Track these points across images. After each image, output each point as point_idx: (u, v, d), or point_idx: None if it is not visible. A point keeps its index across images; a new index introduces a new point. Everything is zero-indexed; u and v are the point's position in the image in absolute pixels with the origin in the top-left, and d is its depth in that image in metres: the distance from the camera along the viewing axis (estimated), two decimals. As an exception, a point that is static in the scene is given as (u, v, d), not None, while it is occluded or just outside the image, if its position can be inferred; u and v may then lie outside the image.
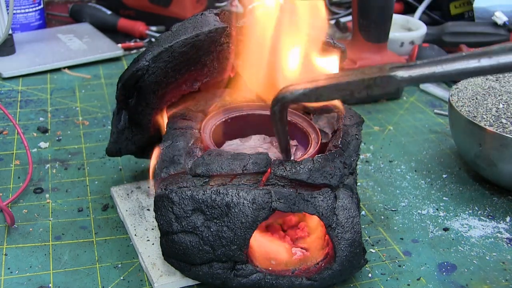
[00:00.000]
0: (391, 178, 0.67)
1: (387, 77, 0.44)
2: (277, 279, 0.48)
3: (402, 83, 0.44)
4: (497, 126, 0.63)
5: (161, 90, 0.53)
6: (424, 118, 0.82)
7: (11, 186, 0.63)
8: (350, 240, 0.47)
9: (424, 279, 0.52)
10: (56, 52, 0.95)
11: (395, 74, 0.44)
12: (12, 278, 0.50)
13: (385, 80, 0.44)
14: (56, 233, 0.56)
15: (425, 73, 0.43)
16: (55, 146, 0.71)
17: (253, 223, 0.46)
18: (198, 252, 0.47)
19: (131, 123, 0.56)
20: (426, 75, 0.43)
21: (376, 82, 0.44)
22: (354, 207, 0.48)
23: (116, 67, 0.95)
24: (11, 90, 0.85)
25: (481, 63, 0.42)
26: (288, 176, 0.47)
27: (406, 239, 0.57)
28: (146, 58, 0.51)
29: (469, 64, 0.42)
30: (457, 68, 0.43)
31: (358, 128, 0.54)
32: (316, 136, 0.54)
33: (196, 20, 0.52)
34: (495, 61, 0.42)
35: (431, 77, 0.43)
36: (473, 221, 0.60)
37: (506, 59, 0.42)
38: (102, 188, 0.63)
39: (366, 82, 0.44)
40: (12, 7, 0.86)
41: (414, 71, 0.43)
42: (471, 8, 1.04)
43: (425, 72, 0.43)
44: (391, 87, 0.44)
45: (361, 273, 0.52)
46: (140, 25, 1.05)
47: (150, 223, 0.56)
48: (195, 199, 0.47)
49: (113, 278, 0.51)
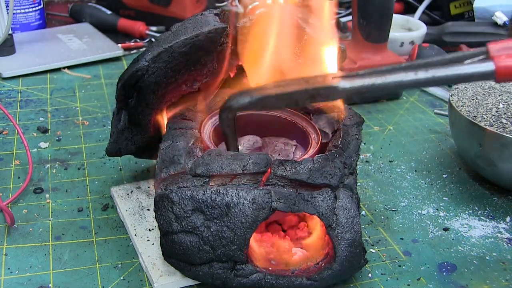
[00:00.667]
0: (391, 178, 0.67)
1: (329, 88, 0.45)
2: (277, 279, 0.48)
3: (343, 93, 0.45)
4: (497, 126, 0.63)
5: (161, 90, 0.53)
6: (424, 118, 0.82)
7: (11, 186, 0.63)
8: (350, 240, 0.47)
9: (424, 279, 0.52)
10: (56, 52, 0.95)
11: (337, 85, 0.45)
12: (12, 278, 0.50)
13: (328, 91, 0.46)
14: (56, 233, 0.56)
15: (365, 84, 0.45)
16: (55, 146, 0.71)
17: (253, 223, 0.46)
18: (198, 252, 0.47)
19: (131, 123, 0.56)
20: (366, 86, 0.45)
21: (319, 93, 0.46)
22: (354, 207, 0.48)
23: (116, 67, 0.95)
24: (11, 90, 0.85)
25: (418, 76, 0.44)
26: (288, 176, 0.47)
27: (406, 239, 0.57)
28: (146, 58, 0.51)
29: (407, 76, 0.44)
30: (395, 81, 0.44)
31: (358, 128, 0.54)
32: (316, 136, 0.54)
33: (196, 20, 0.52)
34: (431, 74, 0.43)
35: (371, 88, 0.45)
36: (473, 221, 0.60)
37: (442, 72, 0.43)
38: (102, 188, 0.63)
39: (310, 92, 0.46)
40: (12, 7, 0.86)
41: (355, 82, 0.45)
42: (471, 8, 1.04)
43: (365, 83, 0.45)
44: (333, 97, 0.46)
45: (361, 273, 0.52)
46: (140, 25, 1.05)
47: (150, 223, 0.56)
48: (195, 199, 0.47)
49: (113, 278, 0.51)
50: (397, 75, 0.44)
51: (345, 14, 1.15)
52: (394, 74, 0.44)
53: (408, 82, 0.44)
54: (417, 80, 0.44)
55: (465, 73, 0.43)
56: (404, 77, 0.44)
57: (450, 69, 0.44)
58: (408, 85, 0.44)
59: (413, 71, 0.44)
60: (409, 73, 0.44)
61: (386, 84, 0.45)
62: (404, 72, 0.44)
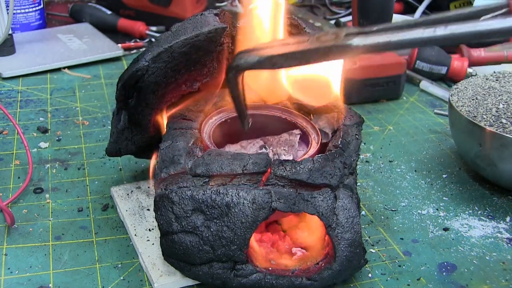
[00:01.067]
0: (391, 178, 0.67)
1: (342, 46, 0.43)
2: (277, 279, 0.48)
3: (357, 51, 0.43)
4: (497, 126, 0.63)
5: (161, 90, 0.53)
6: (424, 118, 0.82)
7: (11, 186, 0.63)
8: (350, 240, 0.47)
9: (424, 279, 0.52)
10: (56, 52, 0.95)
11: (351, 42, 0.43)
12: (12, 278, 0.50)
13: (341, 48, 0.43)
14: (56, 233, 0.56)
15: (380, 41, 0.42)
16: (55, 146, 0.71)
17: (253, 223, 0.46)
18: (198, 252, 0.47)
19: (131, 123, 0.56)
20: (381, 44, 0.42)
21: (332, 51, 0.43)
22: (354, 207, 0.48)
23: (116, 67, 0.95)
24: (11, 90, 0.85)
25: (436, 32, 0.41)
26: (288, 176, 0.47)
27: (406, 239, 0.57)
28: (146, 59, 0.51)
29: (424, 33, 0.41)
30: (412, 37, 0.42)
31: (358, 128, 0.54)
32: (316, 136, 0.54)
33: (196, 20, 0.52)
34: (449, 31, 0.40)
35: (386, 46, 0.42)
36: (473, 221, 0.60)
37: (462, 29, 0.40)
38: (102, 188, 0.63)
39: (322, 51, 0.44)
40: (12, 7, 0.86)
41: (369, 39, 0.42)
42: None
43: (380, 40, 0.42)
44: (347, 55, 0.44)
45: (361, 273, 0.52)
46: (140, 25, 1.05)
47: (150, 223, 0.56)
48: (195, 199, 0.47)
49: (113, 278, 0.51)
50: (414, 31, 0.41)
51: (345, 14, 1.15)
52: (411, 31, 0.42)
53: (426, 39, 0.41)
54: (435, 37, 0.41)
55: (486, 29, 0.40)
56: (422, 34, 0.41)
57: (470, 25, 0.40)
58: (426, 42, 0.42)
59: (431, 27, 0.41)
60: (427, 29, 0.41)
61: (402, 41, 0.42)
62: (421, 28, 0.41)
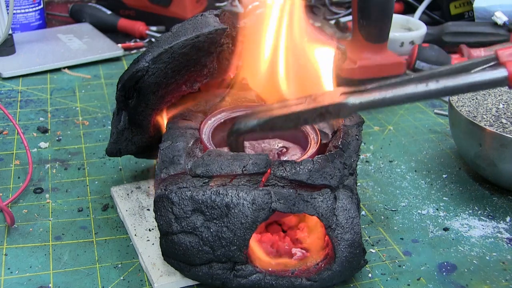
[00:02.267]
0: (391, 178, 0.67)
1: (339, 105, 0.45)
2: (276, 280, 0.48)
3: (353, 109, 0.45)
4: (497, 126, 0.63)
5: (161, 91, 0.53)
6: (424, 118, 0.82)
7: (11, 186, 0.63)
8: (350, 241, 0.47)
9: (424, 279, 0.52)
10: (56, 52, 0.95)
11: (347, 101, 0.44)
12: (12, 278, 0.50)
13: (337, 108, 0.45)
14: (56, 233, 0.56)
15: (375, 99, 0.44)
16: (55, 146, 0.71)
17: (253, 224, 0.46)
18: (197, 252, 0.47)
19: (131, 123, 0.56)
20: (376, 101, 0.44)
21: (328, 110, 0.45)
22: (354, 207, 0.48)
23: (116, 67, 0.95)
24: (11, 90, 0.85)
25: (429, 87, 0.43)
26: (288, 176, 0.47)
27: (406, 239, 0.57)
28: (146, 59, 0.51)
29: (417, 89, 0.43)
30: (405, 93, 0.43)
31: (359, 128, 0.54)
32: (316, 136, 0.54)
33: (196, 21, 0.52)
34: (442, 85, 0.43)
35: (381, 103, 0.44)
36: (473, 221, 0.60)
37: (453, 82, 0.42)
38: (102, 188, 0.63)
39: (319, 111, 0.45)
40: (12, 7, 0.86)
41: (365, 98, 0.44)
42: (471, 8, 1.04)
43: (375, 97, 0.44)
44: (343, 114, 0.45)
45: (361, 273, 0.52)
46: (140, 25, 1.05)
47: (150, 223, 0.56)
48: (195, 199, 0.47)
49: (113, 278, 0.51)
50: (407, 87, 0.43)
51: (345, 14, 1.15)
52: (404, 87, 0.43)
53: (420, 94, 0.43)
54: (428, 91, 0.43)
55: (477, 81, 0.42)
56: (415, 89, 0.43)
57: (462, 78, 0.43)
58: (420, 97, 0.43)
59: (423, 82, 0.43)
60: (419, 85, 0.43)
61: (397, 97, 0.44)
62: (414, 84, 0.43)
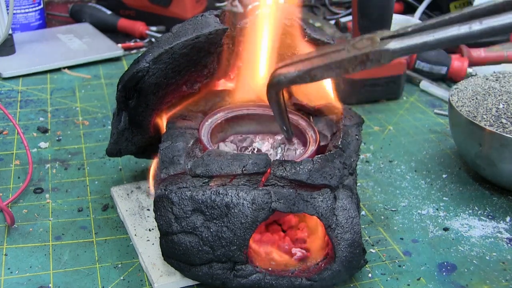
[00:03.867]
0: (391, 178, 0.67)
1: (380, 51, 0.43)
2: (276, 280, 0.48)
3: (395, 55, 0.43)
4: (497, 126, 0.63)
5: (161, 91, 0.53)
6: (424, 118, 0.82)
7: (11, 186, 0.63)
8: (349, 241, 0.47)
9: (424, 279, 0.52)
10: (56, 52, 0.95)
11: (387, 47, 0.43)
12: (12, 278, 0.50)
13: (378, 54, 0.43)
14: (56, 233, 0.56)
15: (418, 43, 0.42)
16: (55, 146, 0.71)
17: (253, 224, 0.46)
18: (197, 252, 0.47)
19: (131, 124, 0.56)
20: (418, 45, 0.42)
21: (369, 57, 0.44)
22: (353, 207, 0.48)
23: (116, 67, 0.95)
24: (11, 90, 0.85)
25: (472, 28, 0.41)
26: (287, 176, 0.47)
27: (406, 239, 0.57)
28: (147, 60, 0.51)
29: (460, 30, 0.41)
30: (448, 36, 0.42)
31: (358, 128, 0.54)
32: (314, 134, 0.54)
33: (196, 21, 0.52)
34: (486, 25, 0.41)
35: (423, 47, 0.43)
36: (473, 221, 0.60)
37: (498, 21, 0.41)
38: (102, 188, 0.63)
39: (359, 58, 0.44)
40: (12, 7, 0.86)
41: (406, 42, 0.43)
42: (471, 8, 1.04)
43: (417, 42, 0.42)
44: (384, 60, 0.44)
45: (361, 273, 0.52)
46: (140, 25, 1.05)
47: (150, 223, 0.56)
48: (195, 199, 0.47)
49: (113, 278, 0.51)
50: (449, 30, 0.41)
51: (345, 14, 1.15)
52: (446, 29, 0.42)
53: (463, 37, 0.41)
54: (472, 33, 0.41)
55: None
56: (458, 32, 0.41)
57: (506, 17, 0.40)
58: (463, 40, 0.42)
59: (466, 24, 0.41)
60: (462, 27, 0.41)
61: (440, 39, 0.42)
62: (456, 26, 0.41)
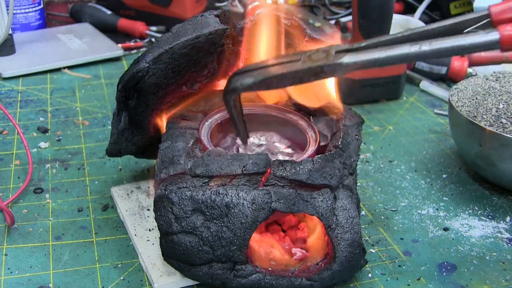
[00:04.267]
0: (391, 178, 0.67)
1: (334, 65, 0.45)
2: (276, 280, 0.48)
3: (348, 69, 0.45)
4: (497, 126, 0.63)
5: (161, 91, 0.53)
6: (424, 118, 0.82)
7: (11, 186, 0.63)
8: (349, 241, 0.47)
9: (424, 279, 0.52)
10: (56, 52, 0.95)
11: (341, 61, 0.44)
12: (12, 278, 0.50)
13: (332, 68, 0.45)
14: (56, 233, 0.56)
15: (370, 58, 0.44)
16: (55, 146, 0.71)
17: (253, 224, 0.46)
18: (197, 252, 0.47)
19: (131, 124, 0.56)
20: (370, 61, 0.44)
21: (324, 70, 0.45)
22: (353, 207, 0.48)
23: (116, 67, 0.95)
24: (11, 90, 0.85)
25: (422, 49, 0.43)
26: (287, 176, 0.47)
27: (406, 239, 0.57)
28: (146, 60, 0.51)
29: (411, 49, 0.43)
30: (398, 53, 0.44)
31: (358, 128, 0.54)
32: (314, 134, 0.54)
33: (196, 21, 0.52)
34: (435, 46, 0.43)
35: (375, 62, 0.44)
36: (473, 221, 0.60)
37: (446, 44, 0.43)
38: (102, 188, 0.63)
39: (314, 70, 0.45)
40: (12, 7, 0.86)
41: (359, 57, 0.44)
42: (471, 8, 1.04)
43: (370, 57, 0.44)
44: (338, 73, 0.45)
45: (361, 273, 0.52)
46: (140, 25, 1.05)
47: (150, 223, 0.56)
48: (195, 199, 0.47)
49: (113, 278, 0.51)
50: (401, 48, 0.43)
51: (345, 14, 1.15)
52: (398, 48, 0.44)
53: (413, 55, 0.43)
54: (422, 53, 0.43)
55: (469, 43, 0.42)
56: (409, 50, 0.43)
57: (454, 40, 0.43)
58: (413, 58, 0.44)
59: (417, 44, 0.43)
60: (413, 46, 0.43)
61: (391, 57, 0.44)
62: (407, 45, 0.43)
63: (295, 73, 0.46)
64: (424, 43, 0.43)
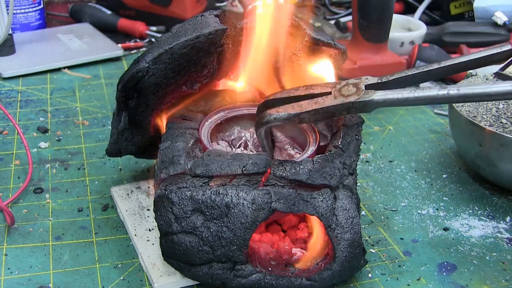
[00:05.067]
0: (391, 178, 0.67)
1: (364, 102, 0.48)
2: (276, 280, 0.48)
3: (377, 106, 0.48)
4: (497, 126, 0.63)
5: (161, 91, 0.53)
6: (424, 118, 0.82)
7: (11, 186, 0.63)
8: (349, 241, 0.47)
9: (424, 279, 0.52)
10: (56, 52, 0.95)
11: (371, 98, 0.47)
12: (12, 278, 0.50)
13: (362, 104, 0.48)
14: (56, 233, 0.56)
15: (400, 98, 0.47)
16: (55, 146, 0.71)
17: (253, 224, 0.46)
18: (197, 252, 0.47)
19: (131, 124, 0.56)
20: (400, 100, 0.47)
21: (354, 105, 0.48)
22: (353, 207, 0.48)
23: (116, 67, 0.95)
24: (11, 90, 0.85)
25: (449, 94, 0.46)
26: (287, 176, 0.47)
27: (406, 239, 0.57)
28: (146, 60, 0.51)
29: (439, 93, 0.46)
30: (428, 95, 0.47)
31: (358, 128, 0.54)
32: (314, 134, 0.54)
33: (196, 21, 0.52)
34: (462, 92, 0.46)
35: (404, 102, 0.47)
36: (473, 221, 0.60)
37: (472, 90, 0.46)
38: (102, 188, 0.63)
39: (345, 106, 0.48)
40: (12, 7, 0.86)
41: (389, 96, 0.47)
42: (471, 8, 1.04)
43: (400, 97, 0.47)
44: (368, 109, 0.48)
45: (361, 273, 0.52)
46: (140, 25, 1.05)
47: (150, 223, 0.56)
48: (195, 199, 0.47)
49: (113, 278, 0.51)
50: (431, 91, 0.46)
51: (345, 14, 1.15)
52: (428, 90, 0.47)
53: (440, 98, 0.46)
54: (449, 97, 0.46)
55: (495, 91, 0.45)
56: (437, 94, 0.46)
57: (481, 87, 0.46)
58: (440, 101, 0.47)
59: (445, 89, 0.46)
60: (441, 91, 0.46)
61: (419, 99, 0.47)
62: (436, 89, 0.46)
63: (328, 108, 0.48)
64: (451, 89, 0.46)
